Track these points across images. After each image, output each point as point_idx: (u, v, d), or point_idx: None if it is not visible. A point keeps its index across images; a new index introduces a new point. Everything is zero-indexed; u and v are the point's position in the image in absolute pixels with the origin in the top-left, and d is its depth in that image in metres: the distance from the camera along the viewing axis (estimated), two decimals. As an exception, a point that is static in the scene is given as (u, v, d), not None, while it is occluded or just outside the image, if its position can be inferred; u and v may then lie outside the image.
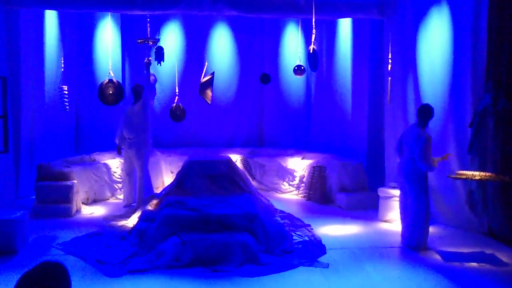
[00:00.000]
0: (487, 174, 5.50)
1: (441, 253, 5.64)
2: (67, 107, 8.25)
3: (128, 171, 7.68)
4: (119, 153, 7.77)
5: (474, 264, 5.30)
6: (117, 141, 7.69)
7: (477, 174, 5.49)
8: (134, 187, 7.71)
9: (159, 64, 8.40)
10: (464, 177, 5.54)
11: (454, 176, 5.64)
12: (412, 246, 5.82)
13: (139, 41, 8.02)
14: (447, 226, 6.78)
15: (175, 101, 8.98)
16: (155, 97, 10.03)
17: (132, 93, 7.77)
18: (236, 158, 9.17)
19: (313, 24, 6.88)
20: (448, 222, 6.83)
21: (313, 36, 6.96)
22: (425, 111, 5.72)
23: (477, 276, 4.94)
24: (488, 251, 5.71)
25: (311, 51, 7.34)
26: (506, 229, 6.01)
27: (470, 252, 5.70)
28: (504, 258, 5.49)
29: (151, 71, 7.96)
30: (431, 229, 6.68)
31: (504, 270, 5.17)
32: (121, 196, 8.04)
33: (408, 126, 6.12)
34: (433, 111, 5.76)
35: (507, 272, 5.11)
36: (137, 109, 7.54)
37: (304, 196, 8.72)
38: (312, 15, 7.25)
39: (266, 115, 10.63)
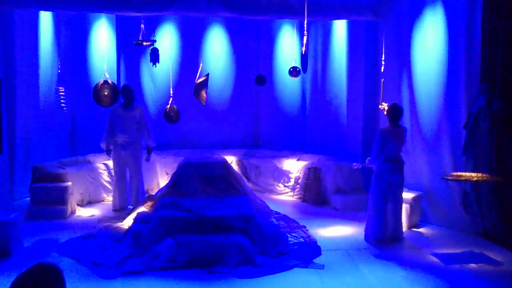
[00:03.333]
0: (482, 175, 5.53)
1: (436, 254, 5.66)
2: (64, 108, 8.23)
3: (121, 174, 7.63)
4: (108, 155, 7.74)
5: (468, 264, 5.32)
6: (103, 146, 7.63)
7: (472, 176, 5.52)
8: (128, 190, 7.67)
9: (154, 66, 8.39)
10: (462, 178, 5.58)
11: (449, 177, 5.69)
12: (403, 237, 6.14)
13: (143, 43, 8.01)
14: (442, 227, 6.80)
15: (169, 102, 8.97)
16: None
17: (121, 95, 7.70)
18: (232, 160, 9.16)
19: (305, 26, 6.89)
20: (442, 223, 6.86)
21: (305, 38, 6.98)
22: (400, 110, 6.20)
23: (472, 277, 4.97)
24: (483, 251, 5.75)
25: (303, 53, 7.37)
26: (500, 230, 6.04)
27: (464, 253, 5.73)
28: (498, 258, 5.53)
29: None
30: (426, 230, 6.74)
31: (498, 270, 5.20)
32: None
33: (390, 127, 6.14)
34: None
35: (501, 272, 5.14)
36: (135, 114, 7.52)
37: (299, 198, 8.72)
38: (306, 17, 7.25)
39: (261, 117, 10.63)
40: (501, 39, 5.87)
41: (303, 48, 7.18)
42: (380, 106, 6.34)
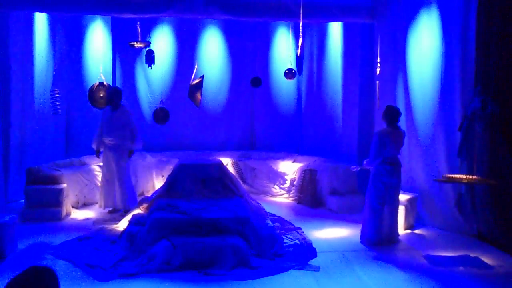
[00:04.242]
0: (474, 177, 5.55)
1: (431, 256, 5.68)
2: (59, 110, 8.19)
3: (107, 176, 7.54)
4: (97, 157, 7.73)
5: (463, 266, 5.34)
6: (94, 146, 7.61)
7: (462, 178, 5.55)
8: (114, 191, 7.61)
9: (149, 68, 8.37)
10: (451, 180, 5.61)
11: (442, 179, 5.70)
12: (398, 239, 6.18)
13: (135, 44, 8.00)
14: (437, 229, 6.82)
15: (159, 103, 8.99)
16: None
17: (109, 97, 7.63)
18: (227, 162, 9.16)
19: (300, 28, 6.90)
20: (437, 224, 6.88)
21: (300, 40, 6.99)
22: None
23: (467, 279, 4.98)
24: (477, 253, 5.76)
25: (298, 55, 7.40)
26: (494, 232, 6.06)
27: (459, 255, 5.74)
28: (492, 260, 5.54)
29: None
30: (422, 231, 6.75)
31: (493, 272, 5.22)
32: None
33: (388, 129, 6.13)
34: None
35: (495, 274, 5.16)
36: (120, 116, 7.44)
37: (295, 200, 8.72)
38: (302, 19, 7.27)
39: (257, 119, 10.63)
40: (494, 40, 5.90)
41: (298, 50, 7.20)
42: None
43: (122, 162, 7.49)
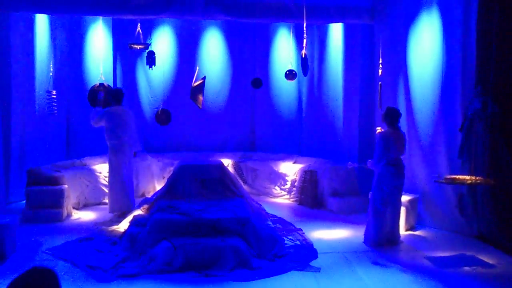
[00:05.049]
0: (475, 178, 5.54)
1: (432, 257, 5.67)
2: (55, 111, 8.18)
3: None
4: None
5: (464, 267, 5.33)
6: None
7: (466, 179, 5.54)
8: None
9: (150, 69, 8.38)
10: (455, 182, 5.60)
11: (442, 180, 5.69)
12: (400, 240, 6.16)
13: (133, 46, 8.00)
14: (438, 230, 6.81)
15: (161, 105, 9.00)
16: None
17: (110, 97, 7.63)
18: (228, 163, 9.16)
19: (304, 29, 6.90)
20: (438, 225, 6.87)
21: (305, 41, 6.99)
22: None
23: (468, 280, 4.98)
24: (478, 254, 5.76)
25: (303, 56, 7.40)
26: (495, 232, 6.05)
27: (460, 255, 5.74)
28: (493, 261, 5.54)
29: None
30: (423, 232, 6.75)
31: (494, 273, 5.21)
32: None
33: (390, 130, 6.11)
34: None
35: (496, 275, 5.15)
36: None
37: (295, 200, 8.72)
38: (304, 20, 7.28)
39: (257, 120, 10.63)
40: (494, 41, 5.90)
41: (303, 51, 7.19)
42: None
43: (109, 164, 7.44)
